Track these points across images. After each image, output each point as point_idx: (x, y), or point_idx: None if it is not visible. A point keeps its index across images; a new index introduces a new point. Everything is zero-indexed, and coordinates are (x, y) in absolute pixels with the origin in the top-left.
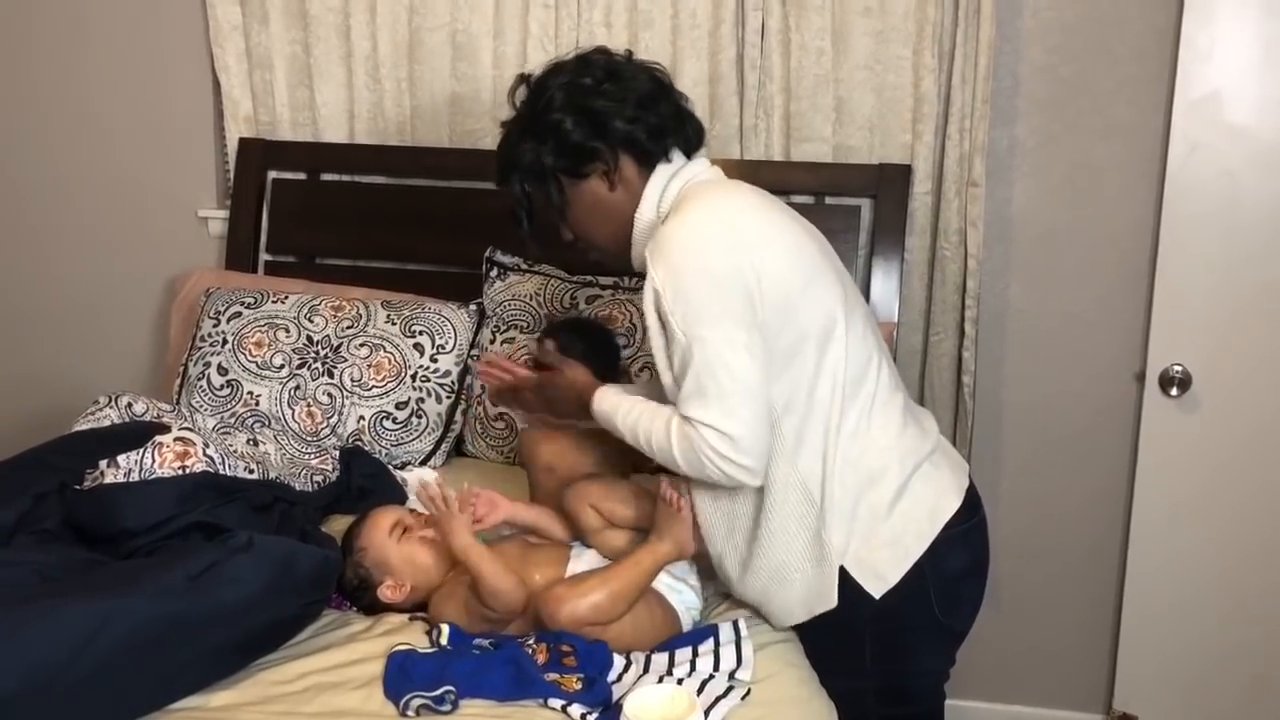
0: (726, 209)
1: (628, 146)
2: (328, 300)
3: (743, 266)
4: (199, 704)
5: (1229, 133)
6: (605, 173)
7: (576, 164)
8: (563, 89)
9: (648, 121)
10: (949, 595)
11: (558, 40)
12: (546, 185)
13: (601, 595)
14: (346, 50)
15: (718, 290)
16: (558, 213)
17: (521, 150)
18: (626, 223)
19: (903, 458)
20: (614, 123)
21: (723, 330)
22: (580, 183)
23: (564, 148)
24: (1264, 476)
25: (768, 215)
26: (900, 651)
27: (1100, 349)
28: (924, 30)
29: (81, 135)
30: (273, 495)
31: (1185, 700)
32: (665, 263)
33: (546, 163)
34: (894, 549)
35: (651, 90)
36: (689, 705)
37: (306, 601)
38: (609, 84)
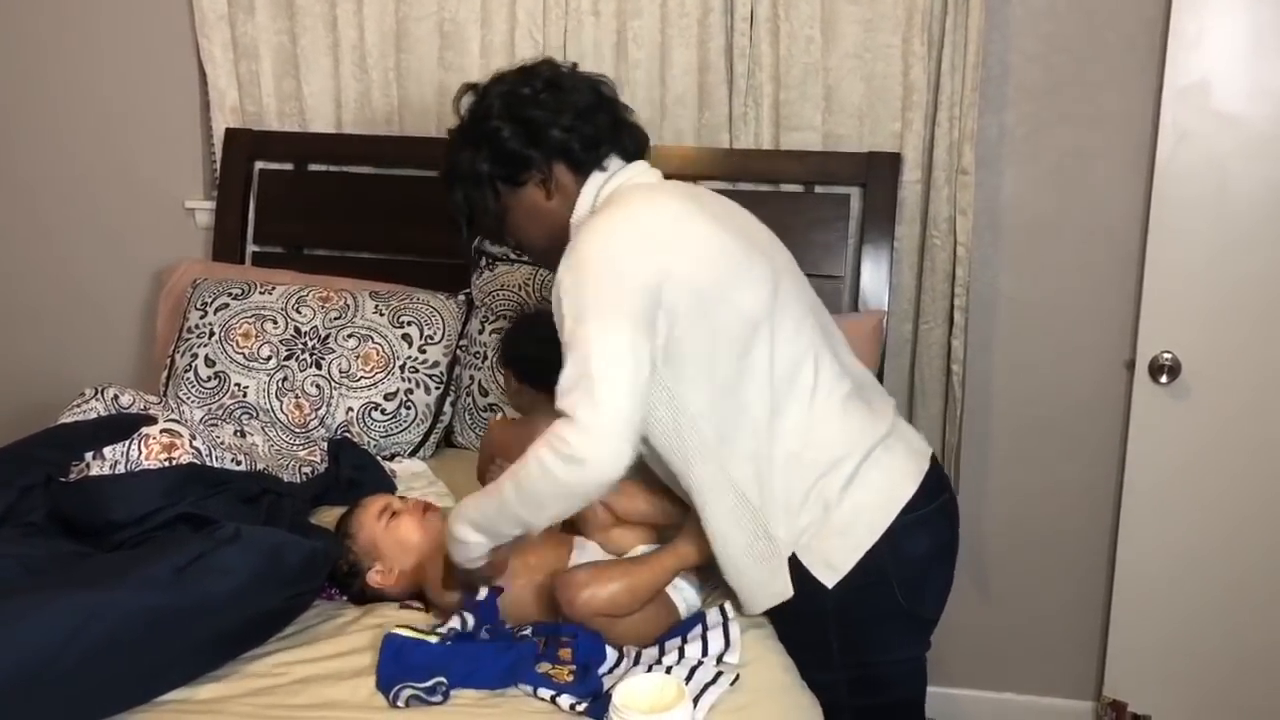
0: (643, 211)
1: (562, 155)
2: (315, 291)
3: (648, 268)
4: (186, 696)
5: (1218, 121)
6: (542, 181)
7: (513, 171)
8: (501, 97)
9: (583, 132)
10: (912, 582)
11: (545, 29)
12: (484, 192)
13: (620, 587)
14: (333, 40)
15: (617, 286)
16: (494, 219)
17: (460, 157)
18: (562, 227)
19: (851, 446)
20: (549, 132)
21: (611, 324)
22: (517, 190)
23: (500, 155)
24: (1253, 463)
25: (688, 218)
26: (867, 641)
27: (1090, 337)
28: (913, 18)
29: (66, 127)
30: (260, 487)
31: (1174, 687)
32: (572, 255)
33: (482, 170)
34: (845, 538)
35: (590, 102)
36: (678, 694)
37: (294, 593)
38: (547, 94)
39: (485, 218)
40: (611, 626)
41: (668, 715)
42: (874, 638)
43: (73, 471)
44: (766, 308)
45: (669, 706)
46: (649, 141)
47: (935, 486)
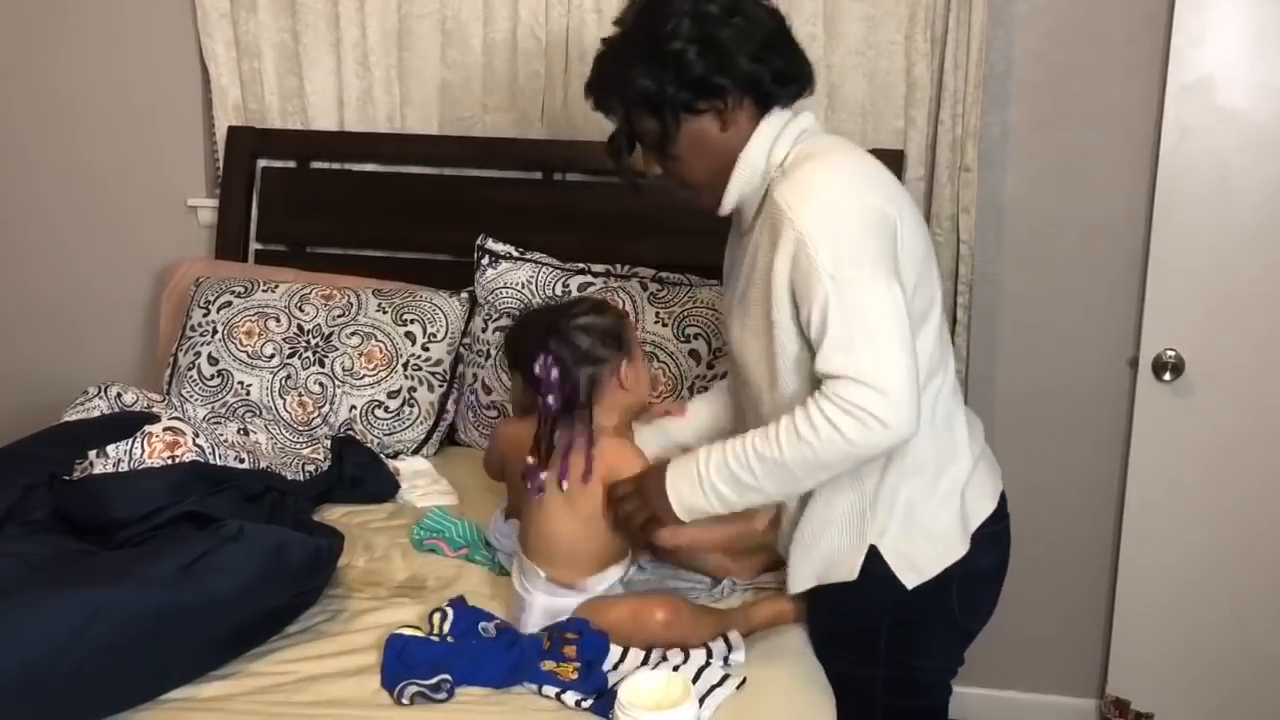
0: (864, 159)
1: (749, 88)
2: (318, 289)
3: (891, 215)
4: (190, 695)
5: (1221, 117)
6: (720, 111)
7: (694, 98)
8: (689, 15)
9: (773, 64)
10: (970, 596)
11: (548, 27)
12: (660, 115)
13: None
14: (335, 38)
15: (873, 232)
16: (659, 146)
17: (633, 74)
18: (728, 163)
19: (958, 454)
20: (739, 60)
21: (877, 275)
22: (690, 118)
23: (685, 80)
24: (1257, 461)
25: (896, 182)
26: (914, 645)
27: (1093, 334)
28: (916, 15)
29: (69, 125)
30: (264, 485)
31: (1178, 685)
32: (813, 204)
33: (667, 92)
34: (936, 544)
35: (776, 29)
36: (683, 691)
37: (298, 591)
38: (737, 17)
39: (652, 143)
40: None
41: (673, 713)
42: (922, 643)
43: (76, 470)
44: (933, 299)
45: (674, 704)
46: (813, 73)
47: (1004, 505)
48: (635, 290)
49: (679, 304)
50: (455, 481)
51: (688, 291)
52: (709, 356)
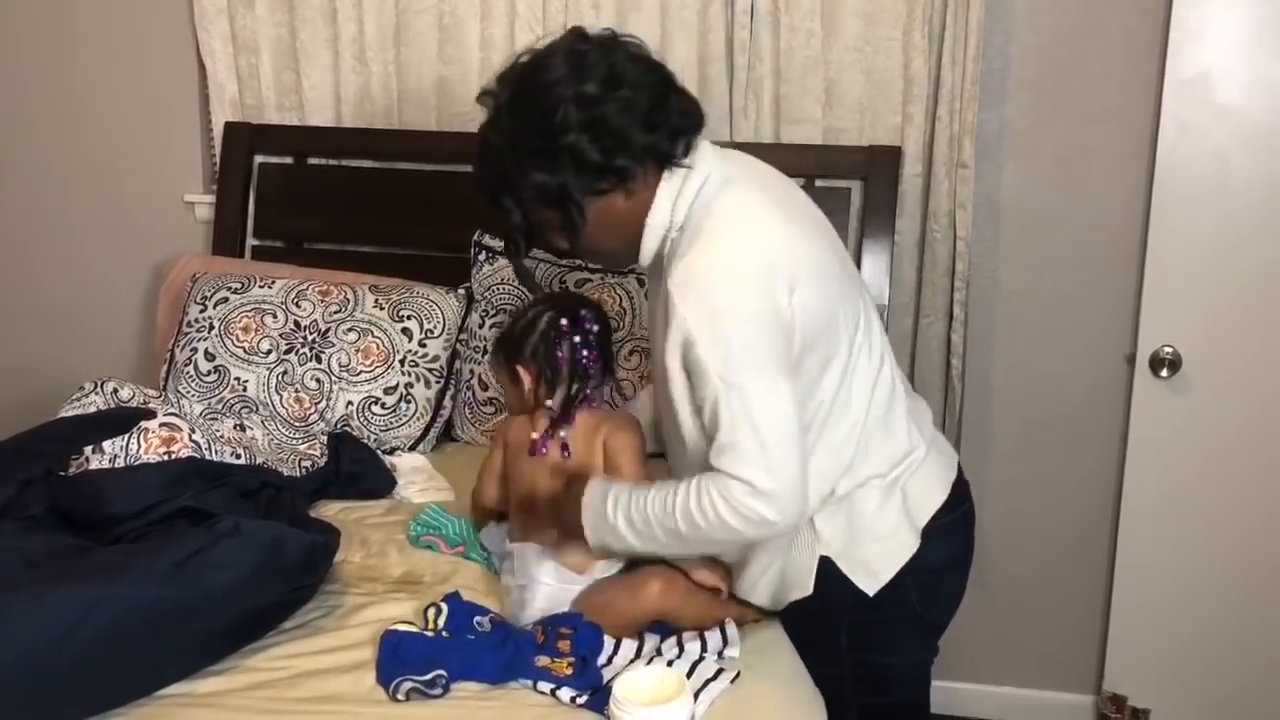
0: (757, 235)
1: (648, 156)
2: (315, 285)
3: (782, 306)
4: (187, 690)
5: (1219, 114)
6: (623, 186)
7: (599, 182)
8: (572, 102)
9: (668, 124)
10: (928, 587)
11: (545, 22)
12: (564, 208)
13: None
14: (333, 33)
15: (761, 335)
16: (566, 233)
17: (527, 173)
18: (637, 229)
19: (898, 457)
20: (632, 135)
21: (765, 377)
22: (594, 199)
23: (584, 170)
24: (1254, 457)
25: (798, 234)
26: (876, 643)
27: (1090, 331)
28: (914, 11)
29: (66, 120)
30: (260, 481)
31: (1175, 682)
32: (700, 305)
33: (569, 184)
34: (886, 545)
35: (658, 86)
36: (678, 686)
37: (294, 586)
38: (620, 90)
39: (557, 229)
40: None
41: (668, 708)
42: (883, 638)
43: (72, 465)
44: (856, 322)
45: (669, 699)
46: (698, 104)
47: (959, 495)
48: (632, 287)
49: None
50: (452, 477)
51: None
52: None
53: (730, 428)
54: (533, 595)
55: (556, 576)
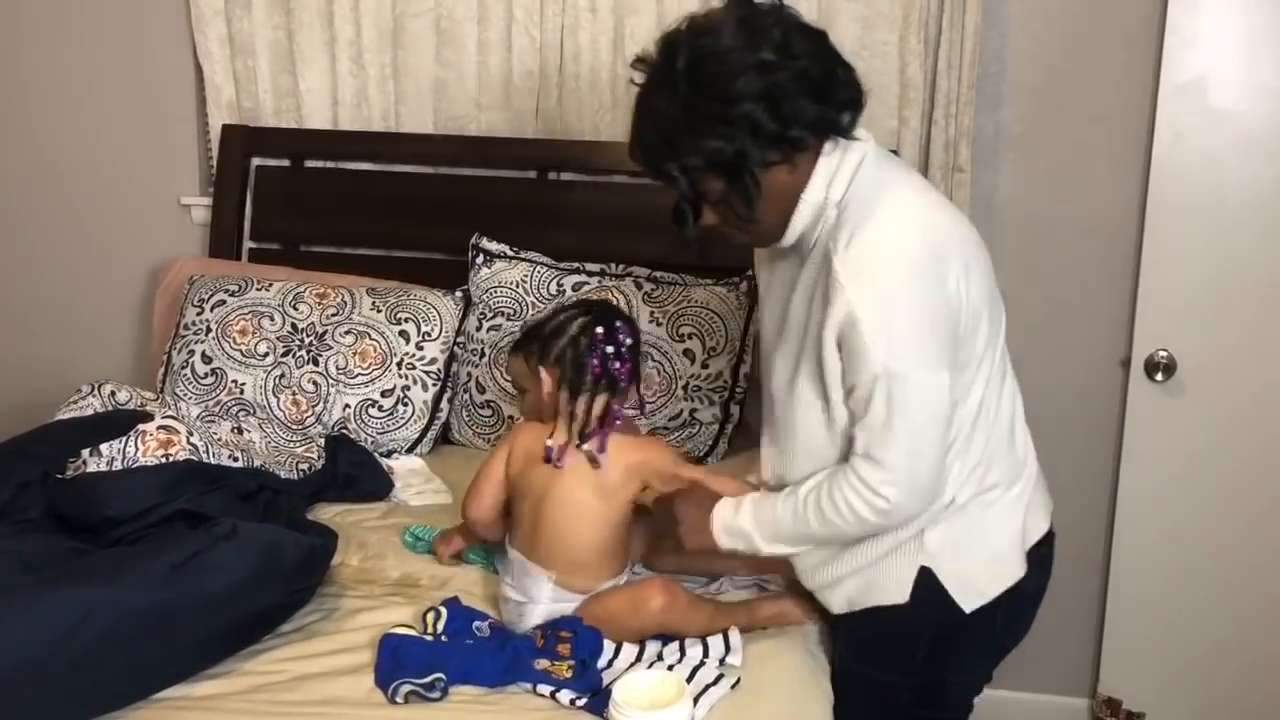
0: (930, 218)
1: (820, 130)
2: (312, 288)
3: (952, 294)
4: (184, 693)
5: (1214, 118)
6: (791, 159)
7: (771, 155)
8: (752, 70)
9: (837, 97)
10: (1015, 615)
11: (543, 26)
12: (740, 177)
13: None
14: (330, 36)
15: (930, 324)
16: (736, 203)
17: (703, 140)
18: (793, 204)
19: (1018, 473)
20: (806, 106)
21: (929, 370)
22: (763, 172)
23: (761, 140)
24: (1248, 461)
25: (958, 216)
26: (951, 659)
27: (1085, 335)
28: (910, 15)
29: (63, 123)
30: (258, 483)
31: (1169, 684)
32: (871, 288)
33: (748, 154)
34: (995, 566)
35: (826, 56)
36: (678, 691)
37: (292, 589)
38: (793, 60)
39: (719, 200)
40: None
41: (667, 712)
42: (959, 658)
43: (69, 468)
44: (1001, 322)
45: (669, 703)
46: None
47: (1053, 526)
48: (630, 289)
49: (673, 303)
50: (449, 480)
51: (682, 291)
52: (703, 356)
53: (883, 411)
54: (530, 612)
55: (554, 596)
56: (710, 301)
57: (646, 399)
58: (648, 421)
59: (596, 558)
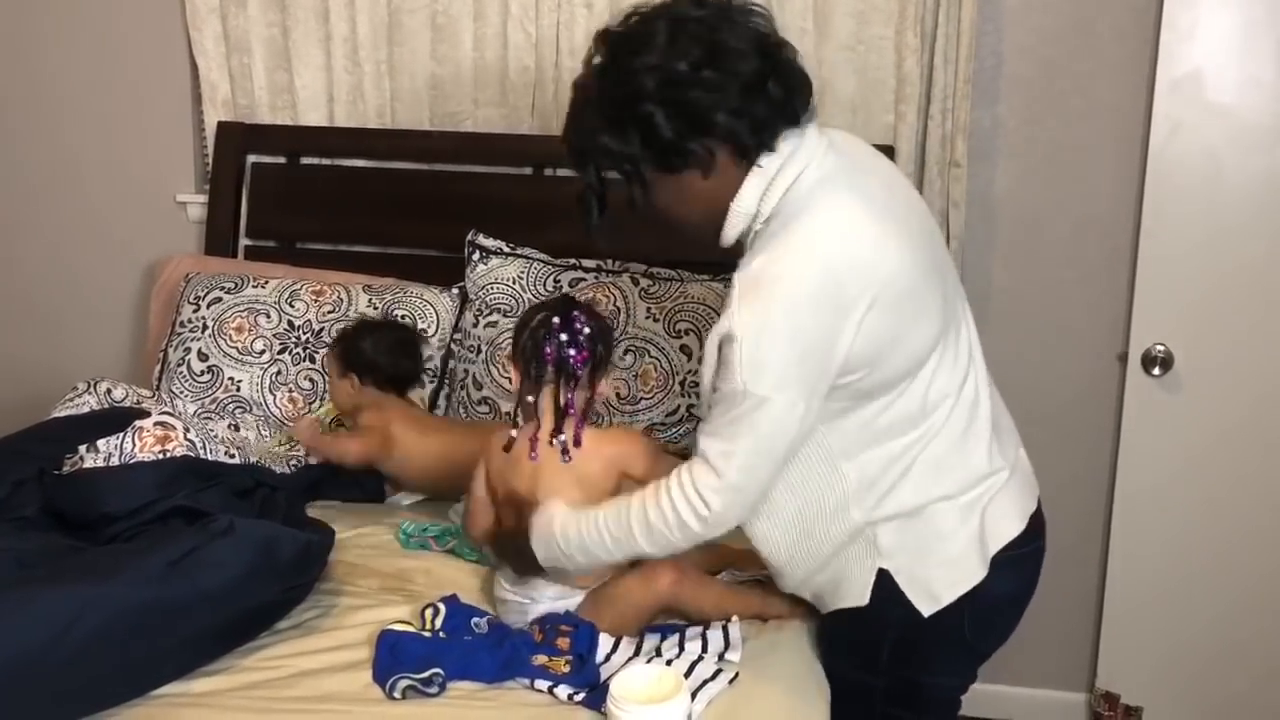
0: (839, 250)
1: (727, 141)
2: (309, 285)
3: (836, 331)
4: (181, 690)
5: (1211, 112)
6: (700, 166)
7: (668, 160)
8: (653, 75)
9: (753, 114)
10: (984, 619)
11: (538, 21)
12: (631, 179)
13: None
14: (325, 33)
15: (801, 357)
16: (639, 206)
17: (601, 140)
18: (719, 209)
19: (977, 478)
20: (714, 117)
21: (787, 396)
22: (670, 175)
23: (653, 143)
24: (1246, 455)
25: (889, 245)
26: (918, 660)
27: (1083, 329)
28: (906, 10)
29: (58, 120)
30: (254, 480)
31: (1167, 679)
32: (753, 310)
33: (634, 156)
34: (951, 570)
35: (757, 70)
36: (675, 685)
37: (289, 586)
38: (709, 70)
39: (626, 200)
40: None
41: (665, 706)
42: (926, 658)
43: (66, 464)
44: (934, 340)
45: (666, 698)
46: (811, 88)
47: (1035, 529)
48: (626, 285)
49: (670, 299)
50: None
51: (679, 287)
52: (700, 351)
53: (730, 421)
54: (533, 611)
55: (556, 594)
56: (707, 297)
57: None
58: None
59: None
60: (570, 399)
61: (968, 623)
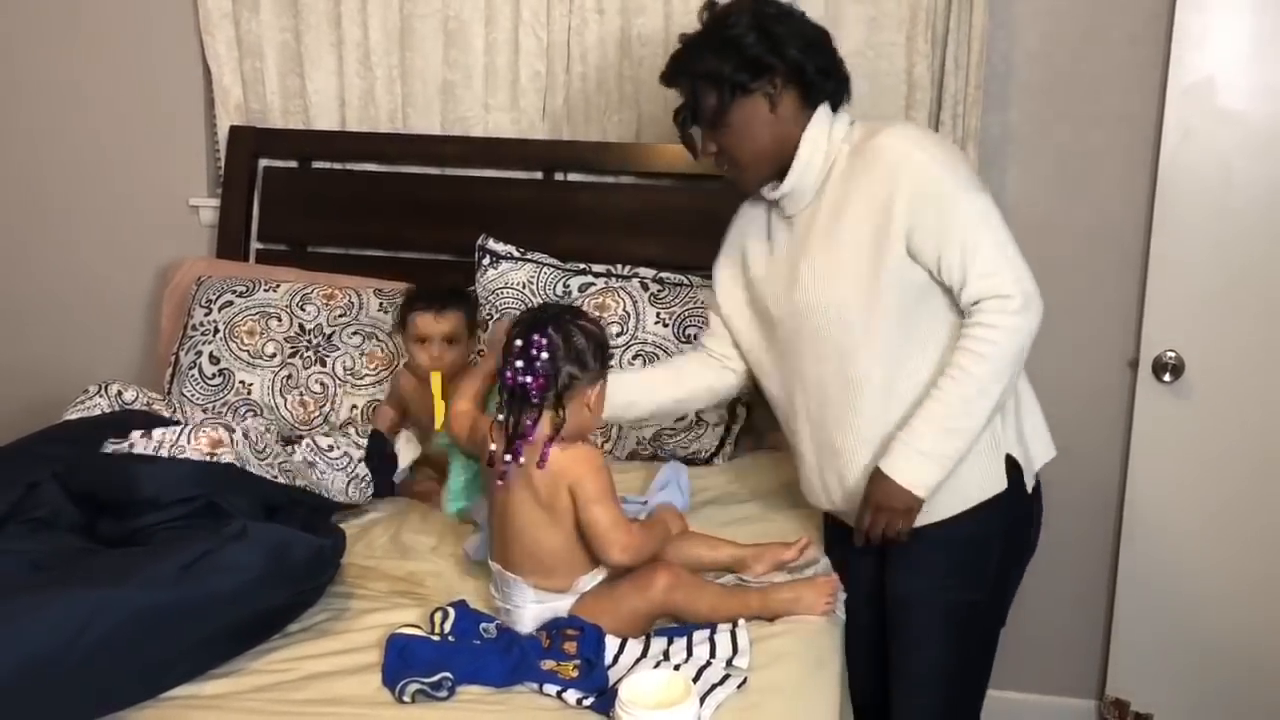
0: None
1: (795, 74)
2: (320, 289)
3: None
4: (193, 692)
5: (1222, 119)
6: (769, 94)
7: (747, 77)
8: (749, 11)
9: (816, 60)
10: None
11: (550, 26)
12: (719, 90)
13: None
14: (337, 37)
15: (968, 163)
16: (714, 120)
17: (698, 57)
18: (776, 146)
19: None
20: (788, 48)
21: (992, 204)
22: (745, 97)
23: (740, 60)
24: (1256, 462)
25: None
26: (1007, 569)
27: (1093, 335)
28: (917, 15)
29: (71, 124)
30: (288, 497)
31: (1177, 686)
32: (923, 152)
33: (723, 71)
34: (1037, 443)
35: (821, 38)
36: (684, 690)
37: (300, 589)
38: (789, 19)
39: (708, 113)
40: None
41: (674, 711)
42: (1012, 569)
43: (109, 446)
44: None
45: (675, 703)
46: (850, 89)
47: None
48: (635, 290)
49: (679, 304)
50: None
51: (688, 292)
52: None
53: (992, 253)
54: (520, 616)
55: (536, 598)
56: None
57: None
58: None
59: (560, 561)
60: (529, 425)
61: (1035, 512)
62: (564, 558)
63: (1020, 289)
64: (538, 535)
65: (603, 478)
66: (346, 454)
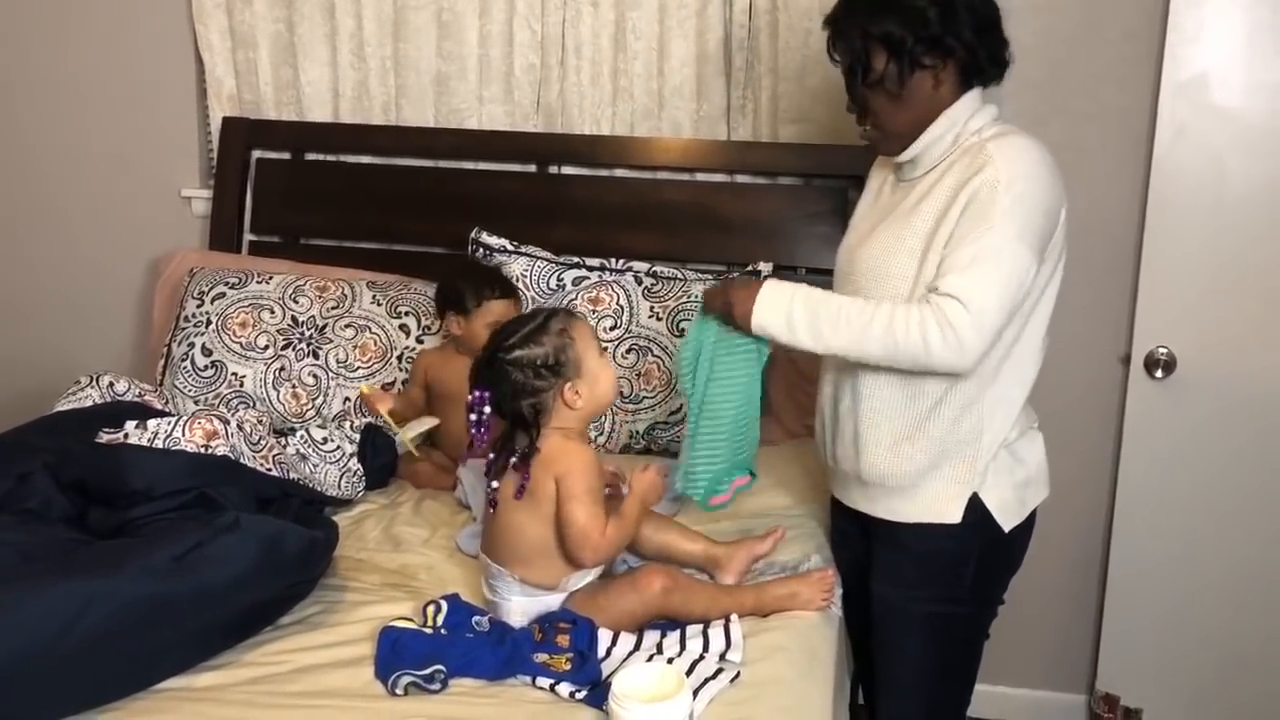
0: (1047, 154)
1: (967, 56)
2: (313, 281)
3: (1060, 203)
4: (185, 684)
5: (1216, 116)
6: (937, 71)
7: (926, 52)
8: None
9: (989, 44)
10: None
11: (544, 19)
12: (899, 59)
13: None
14: (331, 29)
15: (1047, 212)
16: (883, 84)
17: (877, 18)
18: (927, 119)
19: (1031, 410)
20: (965, 29)
21: (1029, 248)
22: (917, 73)
23: (922, 35)
24: (1248, 458)
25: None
26: (990, 585)
27: (1085, 331)
28: None
29: (63, 114)
30: (281, 490)
31: (1167, 681)
32: (1020, 165)
33: (904, 41)
34: (1026, 491)
35: (994, 19)
36: (678, 684)
37: (293, 582)
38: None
39: (877, 81)
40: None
41: (667, 705)
42: (998, 584)
43: (104, 436)
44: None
45: (668, 696)
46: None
47: None
48: (629, 284)
49: (673, 298)
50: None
51: (682, 285)
52: None
53: (982, 268)
54: (508, 608)
55: (524, 591)
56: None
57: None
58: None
59: (536, 553)
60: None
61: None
62: (541, 550)
63: (975, 334)
64: (520, 523)
65: (590, 477)
66: (340, 447)
